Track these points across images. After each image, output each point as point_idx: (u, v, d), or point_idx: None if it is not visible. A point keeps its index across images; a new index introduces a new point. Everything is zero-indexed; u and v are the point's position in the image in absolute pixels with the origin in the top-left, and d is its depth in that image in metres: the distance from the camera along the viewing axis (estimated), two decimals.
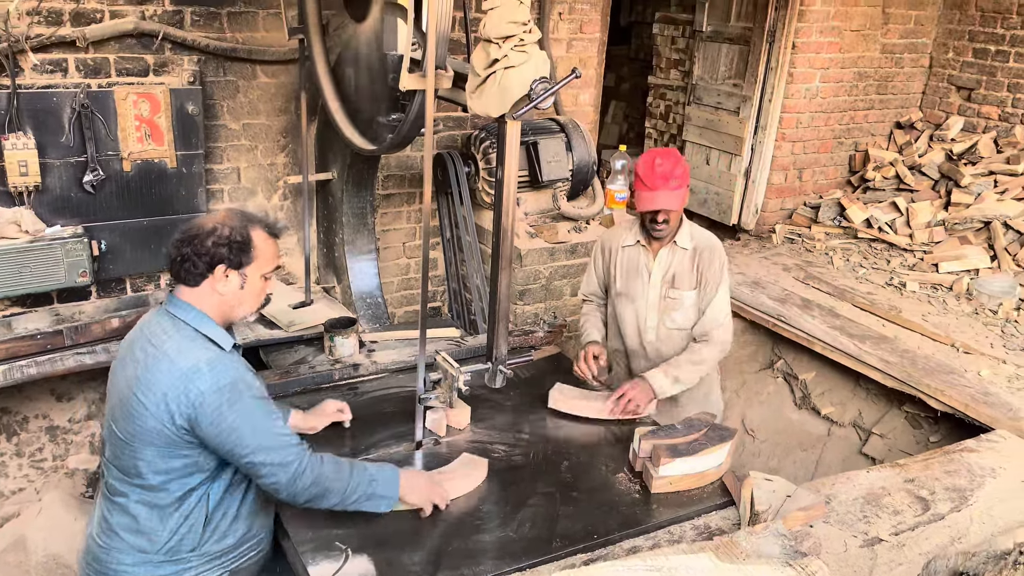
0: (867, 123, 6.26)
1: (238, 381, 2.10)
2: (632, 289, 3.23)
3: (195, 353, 2.08)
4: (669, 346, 3.23)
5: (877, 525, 2.83)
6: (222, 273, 2.13)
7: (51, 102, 3.36)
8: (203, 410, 2.04)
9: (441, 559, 2.37)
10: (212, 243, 2.10)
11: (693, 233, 3.17)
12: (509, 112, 2.57)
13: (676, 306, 3.16)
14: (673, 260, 3.16)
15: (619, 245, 3.22)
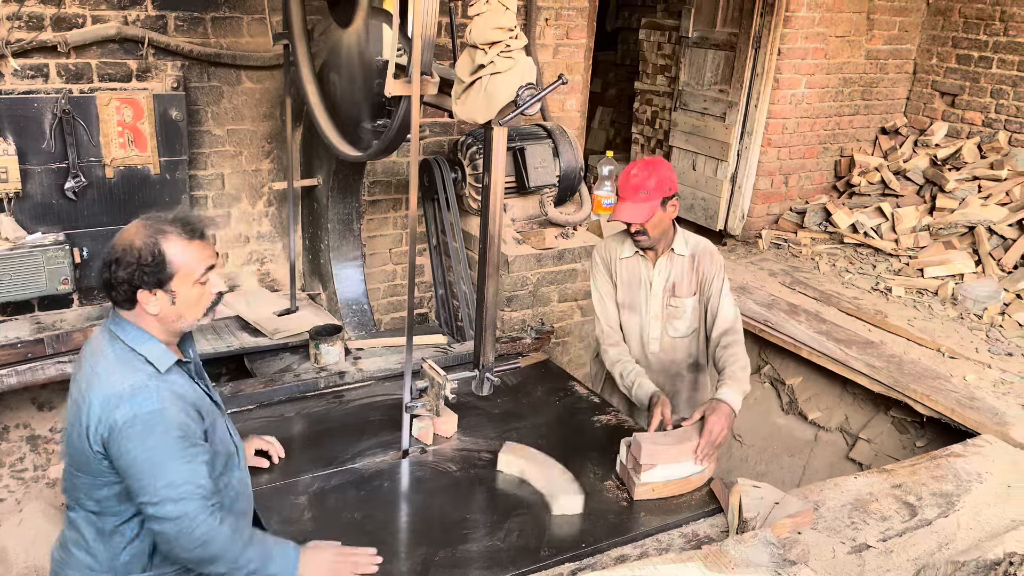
0: (852, 129, 6.29)
1: (155, 414, 1.95)
2: (634, 300, 3.20)
3: (123, 377, 1.96)
4: (672, 355, 3.22)
5: (865, 532, 2.83)
6: (145, 296, 2.00)
7: (32, 108, 3.32)
8: (112, 439, 1.94)
9: (429, 569, 2.35)
10: (124, 271, 1.96)
11: (688, 239, 3.16)
12: (495, 118, 2.56)
13: (679, 314, 3.16)
14: (672, 268, 3.14)
15: (617, 257, 3.19)
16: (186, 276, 2.03)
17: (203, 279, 2.07)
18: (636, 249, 3.12)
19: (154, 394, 1.96)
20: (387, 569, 2.34)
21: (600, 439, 3.09)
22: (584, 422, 3.23)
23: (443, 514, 2.62)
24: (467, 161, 4.15)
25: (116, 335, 2.03)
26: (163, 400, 1.97)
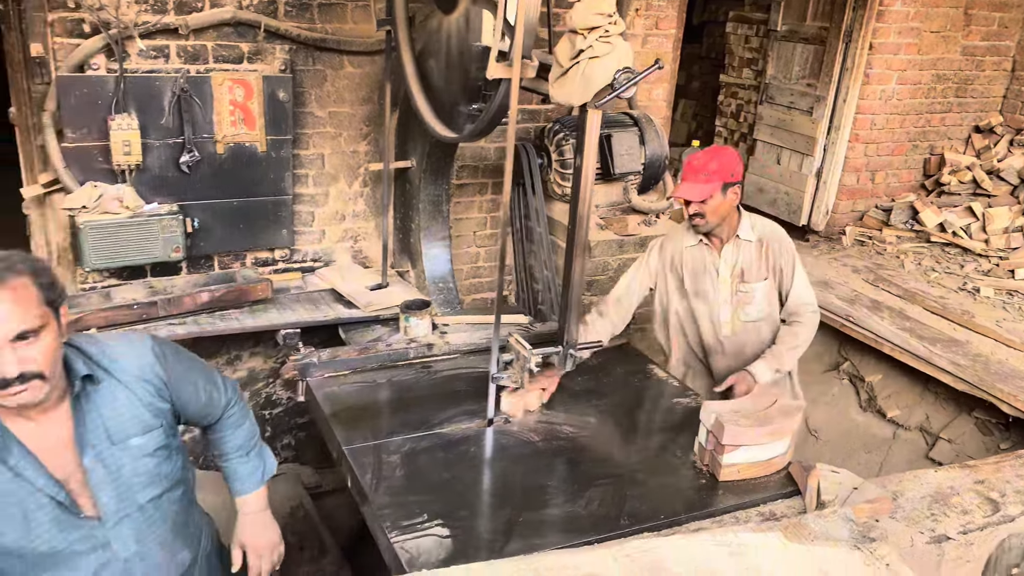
0: (944, 126, 6.16)
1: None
2: (702, 287, 3.28)
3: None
4: (746, 339, 3.29)
5: (945, 523, 2.82)
6: None
7: (154, 86, 3.57)
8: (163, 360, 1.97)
9: (512, 529, 2.46)
10: None
11: (754, 224, 3.22)
12: (591, 101, 2.65)
13: (749, 299, 3.22)
14: (739, 254, 3.20)
15: (683, 246, 3.28)
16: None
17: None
18: (700, 237, 3.19)
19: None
20: (473, 527, 2.47)
21: (679, 419, 3.15)
22: (663, 403, 3.31)
23: (525, 480, 2.73)
24: (553, 148, 4.25)
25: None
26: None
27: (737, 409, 2.87)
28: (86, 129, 3.49)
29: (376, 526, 2.48)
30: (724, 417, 2.78)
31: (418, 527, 2.42)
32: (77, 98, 3.45)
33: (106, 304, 3.52)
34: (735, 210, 3.17)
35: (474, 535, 2.43)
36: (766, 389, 3.03)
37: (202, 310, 3.63)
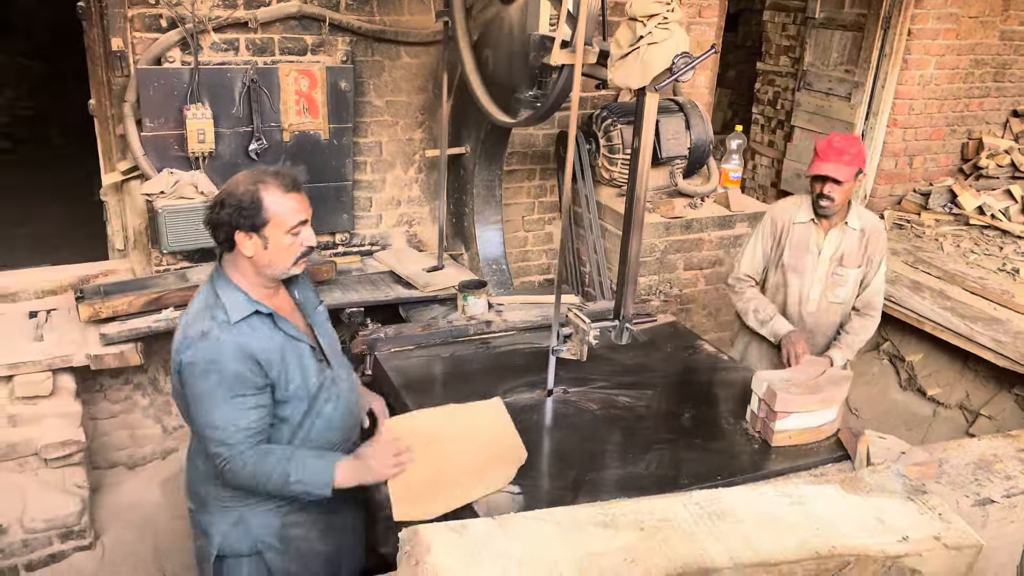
0: (982, 111, 6.21)
1: (211, 364, 2.16)
2: (800, 263, 3.50)
3: (197, 323, 2.20)
4: (825, 318, 3.53)
5: (989, 488, 2.93)
6: (242, 238, 2.19)
7: (225, 77, 3.76)
8: (180, 376, 2.22)
9: (579, 487, 2.62)
10: (225, 212, 2.17)
11: (860, 215, 3.46)
12: (650, 85, 2.79)
13: (841, 282, 3.45)
14: (843, 240, 3.43)
15: (791, 221, 3.48)
16: (279, 224, 2.20)
17: (295, 230, 2.24)
18: (811, 216, 3.39)
19: (215, 344, 2.17)
20: (541, 485, 2.63)
21: (729, 390, 3.30)
22: (713, 375, 3.45)
23: (586, 445, 2.89)
24: (601, 133, 4.40)
25: (212, 279, 2.28)
26: (222, 351, 2.17)
27: (788, 378, 3.01)
28: (163, 119, 3.70)
29: None
30: (776, 385, 2.92)
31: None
32: (155, 89, 3.65)
33: (182, 284, 3.73)
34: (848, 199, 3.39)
35: (543, 492, 2.59)
36: (816, 360, 3.17)
37: None
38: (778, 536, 2.00)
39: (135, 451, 4.21)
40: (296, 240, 2.26)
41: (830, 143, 3.31)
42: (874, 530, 2.06)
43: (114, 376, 3.97)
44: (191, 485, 2.50)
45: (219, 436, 2.21)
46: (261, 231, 2.19)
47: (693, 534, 1.97)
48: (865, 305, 3.50)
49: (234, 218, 2.17)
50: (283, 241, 2.23)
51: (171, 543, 3.84)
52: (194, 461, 2.47)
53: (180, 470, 4.20)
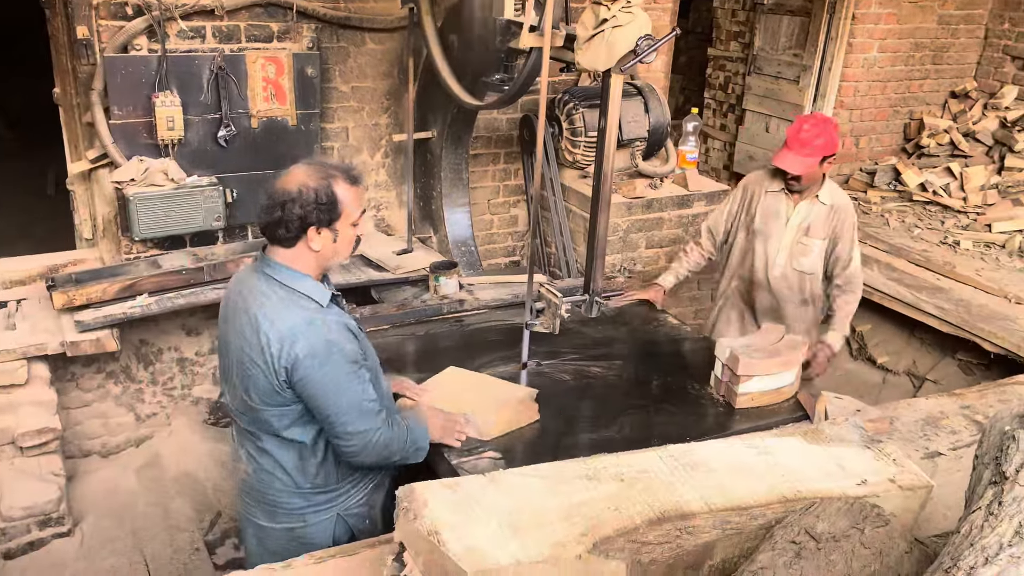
0: (922, 92, 6.49)
1: (331, 344, 2.20)
2: (769, 229, 3.69)
3: (292, 315, 2.19)
4: (788, 284, 3.72)
5: (936, 442, 3.15)
6: (314, 233, 2.20)
7: (193, 64, 3.79)
8: (296, 371, 2.18)
9: (558, 451, 2.76)
10: (300, 207, 2.15)
11: (832, 191, 3.65)
12: (615, 66, 2.92)
13: (806, 252, 3.63)
14: (811, 212, 3.62)
15: (764, 189, 3.67)
16: (348, 217, 2.25)
17: (357, 221, 2.30)
18: (782, 186, 3.58)
19: (322, 327, 2.21)
20: (522, 449, 2.76)
21: (694, 357, 3.46)
22: (678, 345, 3.61)
23: (562, 412, 3.02)
24: (564, 116, 4.52)
25: (272, 277, 2.23)
26: (331, 331, 2.22)
27: (749, 344, 3.18)
28: (131, 106, 3.71)
29: (435, 454, 2.75)
30: (738, 351, 3.09)
31: (475, 451, 2.71)
32: (123, 77, 3.66)
33: (156, 271, 3.76)
34: (822, 175, 3.58)
35: (523, 456, 2.72)
36: (775, 327, 3.35)
37: None
38: (748, 483, 2.15)
39: (108, 439, 4.23)
40: (355, 231, 2.31)
41: (798, 133, 3.44)
42: (835, 475, 2.22)
43: (86, 365, 3.98)
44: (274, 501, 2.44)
45: (361, 413, 2.27)
46: (333, 225, 2.22)
47: (670, 483, 2.11)
48: (847, 282, 3.68)
49: (309, 215, 2.17)
50: (349, 233, 2.28)
51: (149, 529, 3.88)
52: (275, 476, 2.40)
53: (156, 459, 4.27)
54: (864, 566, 1.73)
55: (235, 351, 2.28)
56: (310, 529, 2.47)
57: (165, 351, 4.23)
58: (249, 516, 2.52)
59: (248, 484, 2.47)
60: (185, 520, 3.98)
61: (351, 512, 2.52)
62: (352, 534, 2.52)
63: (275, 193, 2.19)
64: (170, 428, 4.36)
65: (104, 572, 3.64)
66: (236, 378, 2.31)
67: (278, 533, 2.48)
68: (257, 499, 2.47)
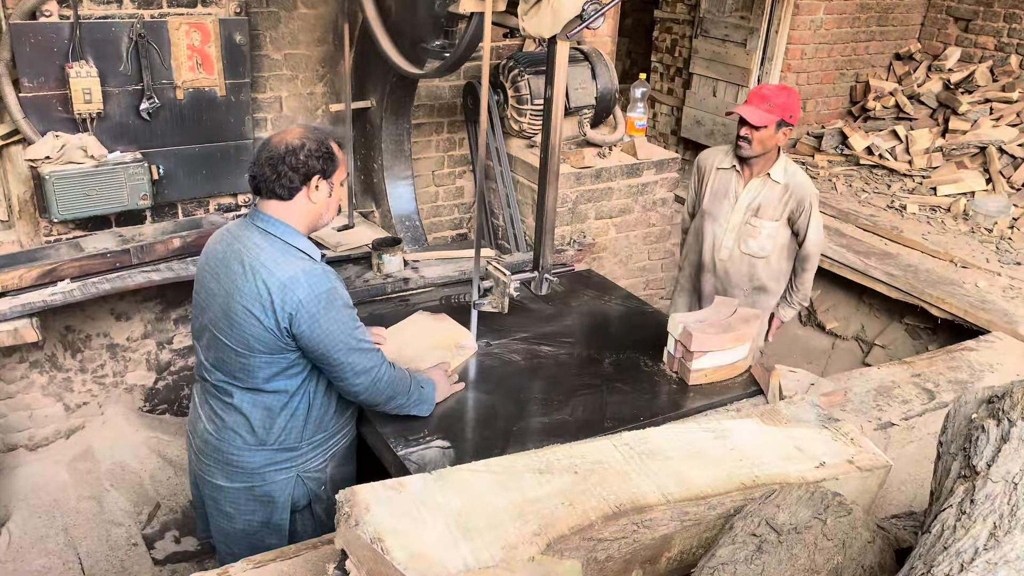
0: (868, 55, 6.47)
1: (332, 290, 2.27)
2: (716, 209, 3.55)
3: (292, 264, 2.23)
4: (737, 268, 3.58)
5: (889, 412, 3.14)
6: (315, 184, 2.27)
7: (110, 32, 3.53)
8: (301, 316, 2.21)
9: (509, 437, 2.66)
10: (304, 157, 2.23)
11: (788, 168, 3.47)
12: (561, 32, 2.77)
13: (754, 233, 3.48)
14: (763, 191, 3.46)
15: (714, 166, 3.53)
16: (340, 174, 2.36)
17: (343, 182, 2.42)
18: (734, 163, 3.41)
19: (323, 275, 2.27)
20: (471, 437, 2.65)
21: (645, 332, 3.38)
22: (630, 319, 3.52)
23: (513, 395, 2.92)
24: (509, 84, 4.36)
25: (267, 231, 2.27)
26: (331, 279, 2.29)
27: (702, 319, 3.10)
28: (43, 78, 3.45)
29: (380, 444, 2.63)
30: (691, 326, 3.01)
31: (421, 440, 2.59)
32: (32, 46, 3.39)
33: (78, 254, 3.52)
34: (776, 150, 3.39)
35: (473, 444, 2.61)
36: (727, 300, 3.28)
37: (174, 256, 3.66)
38: (706, 470, 2.08)
39: (35, 432, 4.01)
40: (341, 192, 2.42)
41: (760, 89, 3.34)
42: (794, 458, 2.16)
43: (7, 355, 3.75)
44: (235, 461, 2.44)
45: (363, 352, 2.35)
46: (331, 178, 2.32)
47: (626, 474, 2.02)
48: (801, 260, 3.58)
49: (314, 164, 2.25)
50: (338, 192, 2.38)
51: (83, 525, 3.70)
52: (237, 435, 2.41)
53: (88, 451, 4.06)
54: (828, 559, 1.67)
55: (221, 302, 2.29)
56: (269, 487, 2.47)
57: (94, 337, 4.00)
58: (207, 477, 2.51)
59: (209, 444, 2.46)
60: (121, 514, 3.80)
61: (310, 475, 2.52)
62: (309, 499, 2.55)
63: (274, 146, 2.25)
64: (103, 418, 4.15)
65: (35, 573, 3.46)
66: (222, 329, 2.30)
67: (236, 493, 2.49)
68: (217, 459, 2.46)
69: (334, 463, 2.58)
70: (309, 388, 2.42)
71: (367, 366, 2.36)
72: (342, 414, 2.59)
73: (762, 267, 3.59)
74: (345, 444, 2.63)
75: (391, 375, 2.47)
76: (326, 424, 2.51)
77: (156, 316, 4.10)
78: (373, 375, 2.39)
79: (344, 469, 2.64)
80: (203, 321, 2.38)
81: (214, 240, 2.41)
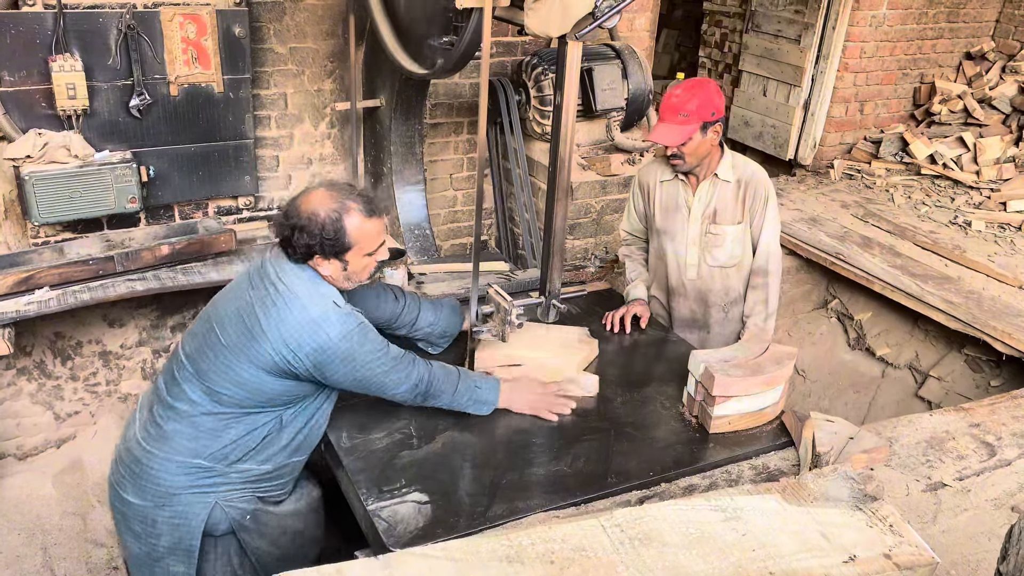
0: (935, 53, 5.95)
1: (361, 326, 2.26)
2: (671, 226, 3.12)
3: (318, 305, 2.21)
4: (709, 284, 3.15)
5: (941, 470, 2.74)
6: (320, 260, 2.23)
7: (97, 23, 3.30)
8: (333, 354, 2.20)
9: (496, 492, 2.34)
10: (307, 235, 2.17)
11: (735, 163, 3.04)
12: (571, 32, 2.44)
13: (718, 242, 3.06)
14: (715, 194, 3.04)
15: (657, 180, 3.11)
16: (360, 249, 2.25)
17: (374, 252, 2.30)
18: (676, 173, 3.02)
19: (351, 312, 2.26)
20: (454, 491, 2.34)
21: (668, 365, 3.03)
22: (651, 348, 3.18)
23: (509, 437, 2.60)
24: (532, 83, 4.03)
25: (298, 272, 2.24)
26: (357, 315, 2.28)
27: (727, 358, 2.74)
28: (25, 71, 3.24)
29: (351, 492, 2.35)
30: (714, 367, 2.64)
31: (396, 492, 2.29)
32: (13, 37, 3.18)
33: (59, 260, 3.31)
34: (717, 147, 2.98)
35: (454, 500, 2.30)
36: (758, 335, 2.91)
37: (162, 264, 3.43)
38: (709, 562, 1.74)
39: (24, 441, 3.83)
40: (372, 259, 2.32)
41: (668, 99, 2.86)
42: (818, 549, 1.81)
43: None
44: (154, 476, 2.30)
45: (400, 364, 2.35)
46: (342, 257, 2.24)
47: (612, 566, 1.70)
48: (754, 272, 3.09)
49: (314, 246, 2.20)
50: (361, 263, 2.29)
51: (64, 544, 3.50)
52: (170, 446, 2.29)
53: (77, 462, 3.88)
54: None
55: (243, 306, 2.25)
56: (183, 509, 2.32)
57: (85, 344, 3.80)
58: (118, 488, 2.37)
59: (131, 453, 2.33)
60: (104, 533, 3.60)
61: (233, 504, 2.36)
62: (232, 528, 2.39)
63: (289, 213, 2.22)
64: (95, 427, 3.96)
65: None
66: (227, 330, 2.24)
67: (144, 511, 2.33)
68: (134, 470, 2.31)
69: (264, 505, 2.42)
70: (282, 416, 2.33)
71: (404, 378, 2.37)
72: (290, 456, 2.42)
73: (735, 276, 3.14)
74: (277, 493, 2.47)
75: (429, 376, 2.44)
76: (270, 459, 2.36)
77: (151, 323, 3.89)
78: (413, 381, 2.39)
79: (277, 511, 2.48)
80: (208, 312, 2.34)
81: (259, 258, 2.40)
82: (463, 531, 2.16)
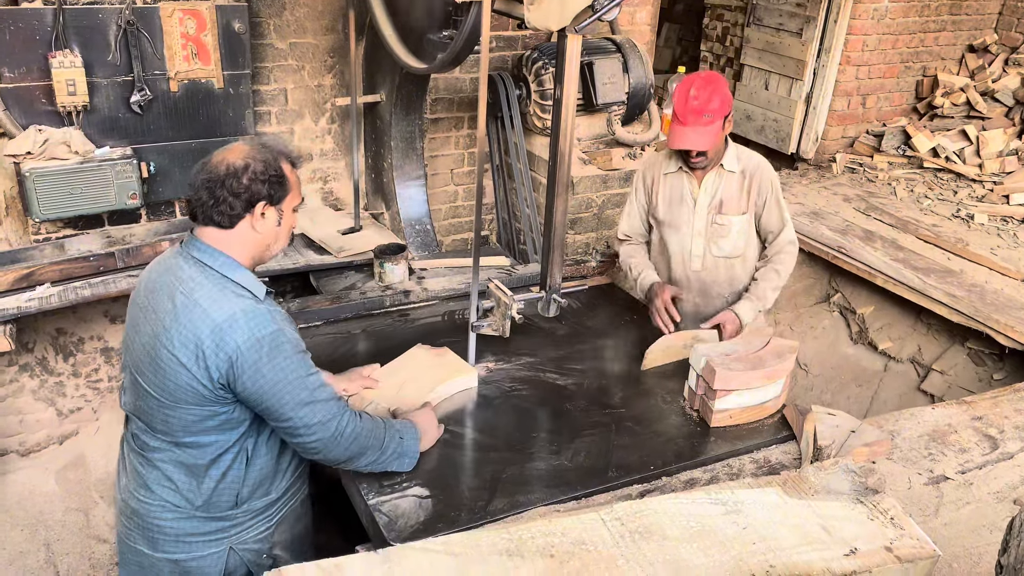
0: (937, 46, 5.92)
1: (277, 333, 1.94)
2: (676, 217, 3.11)
3: (229, 303, 1.92)
4: (714, 276, 3.15)
5: (943, 463, 2.74)
6: (260, 211, 1.98)
7: (96, 19, 3.29)
8: (240, 364, 1.90)
9: (496, 486, 2.34)
10: (248, 180, 1.94)
11: (739, 155, 3.05)
12: (570, 25, 2.43)
13: (724, 232, 3.06)
14: (720, 185, 3.04)
15: (661, 173, 3.11)
16: (292, 200, 2.06)
17: (298, 207, 2.11)
18: (680, 164, 3.02)
19: (264, 314, 1.94)
20: (455, 485, 2.34)
21: (670, 362, 3.03)
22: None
23: (510, 432, 2.61)
24: (532, 77, 4.01)
25: (203, 263, 1.96)
26: (276, 318, 1.97)
27: (728, 352, 2.73)
28: (24, 68, 3.23)
29: (353, 487, 2.35)
30: (715, 361, 2.64)
31: (397, 487, 2.29)
32: (12, 33, 3.17)
33: (59, 256, 3.31)
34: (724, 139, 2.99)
35: (455, 494, 2.30)
36: (759, 329, 2.91)
37: None
38: (710, 555, 1.74)
39: (27, 437, 3.83)
40: (294, 220, 2.11)
41: (687, 102, 2.83)
42: (818, 542, 1.81)
43: None
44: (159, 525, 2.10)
45: (317, 401, 2.02)
46: (281, 204, 2.03)
47: (612, 559, 1.69)
48: (774, 252, 3.09)
49: (258, 188, 1.96)
50: (289, 220, 2.09)
51: (66, 540, 3.51)
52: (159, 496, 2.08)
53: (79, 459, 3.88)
54: None
55: (147, 342, 1.96)
56: (197, 562, 2.14)
57: (87, 340, 3.81)
58: (128, 541, 2.17)
59: (128, 505, 2.14)
60: (107, 529, 3.61)
61: (247, 547, 2.19)
62: (249, 571, 2.21)
63: (213, 167, 1.95)
64: (97, 424, 3.97)
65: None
66: (143, 373, 1.98)
67: (160, 564, 2.14)
68: (138, 523, 2.13)
69: (281, 528, 2.24)
70: (247, 444, 2.09)
71: (324, 419, 2.02)
72: (291, 476, 2.25)
73: (740, 267, 3.15)
74: (295, 504, 2.30)
75: (357, 428, 2.10)
76: (270, 486, 2.18)
77: None
78: (332, 429, 2.04)
79: (295, 528, 2.31)
80: (130, 360, 2.03)
81: (149, 268, 2.09)
82: (464, 525, 2.16)
